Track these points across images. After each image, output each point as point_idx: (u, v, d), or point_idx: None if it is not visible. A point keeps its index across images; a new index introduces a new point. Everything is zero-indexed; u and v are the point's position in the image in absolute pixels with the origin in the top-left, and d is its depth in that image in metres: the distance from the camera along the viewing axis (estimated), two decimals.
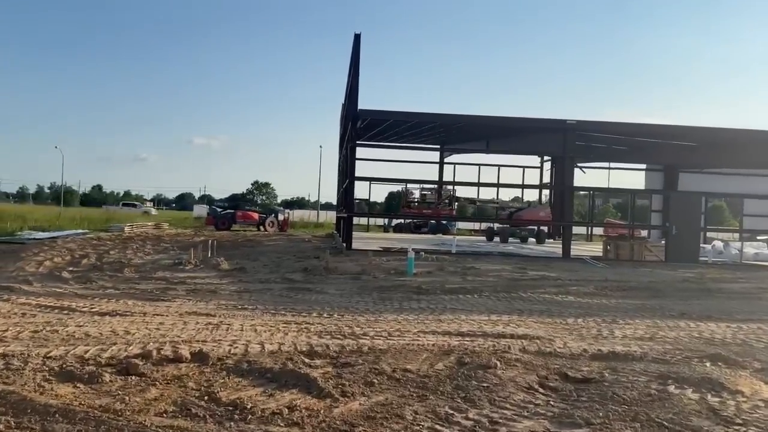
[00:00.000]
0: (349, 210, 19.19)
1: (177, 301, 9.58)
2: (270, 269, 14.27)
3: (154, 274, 12.83)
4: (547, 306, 10.37)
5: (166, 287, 10.92)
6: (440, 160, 36.13)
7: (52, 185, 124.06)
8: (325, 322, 8.15)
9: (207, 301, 9.60)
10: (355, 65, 17.87)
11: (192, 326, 7.49)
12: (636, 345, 7.42)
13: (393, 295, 10.92)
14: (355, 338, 7.09)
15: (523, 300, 10.91)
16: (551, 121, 19.26)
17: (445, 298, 10.69)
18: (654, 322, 9.26)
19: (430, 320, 8.57)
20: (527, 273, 14.73)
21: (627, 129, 20.30)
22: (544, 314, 9.55)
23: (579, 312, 9.90)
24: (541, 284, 13.00)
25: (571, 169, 19.58)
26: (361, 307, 9.58)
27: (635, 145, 25.37)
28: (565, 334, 7.98)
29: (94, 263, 14.36)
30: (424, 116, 19.47)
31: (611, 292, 12.44)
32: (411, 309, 9.53)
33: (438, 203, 34.57)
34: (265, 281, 12.17)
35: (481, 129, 23.31)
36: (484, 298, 10.86)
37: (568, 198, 19.96)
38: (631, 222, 36.74)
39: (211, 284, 11.62)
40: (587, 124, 19.33)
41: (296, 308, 9.24)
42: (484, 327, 8.17)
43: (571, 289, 12.47)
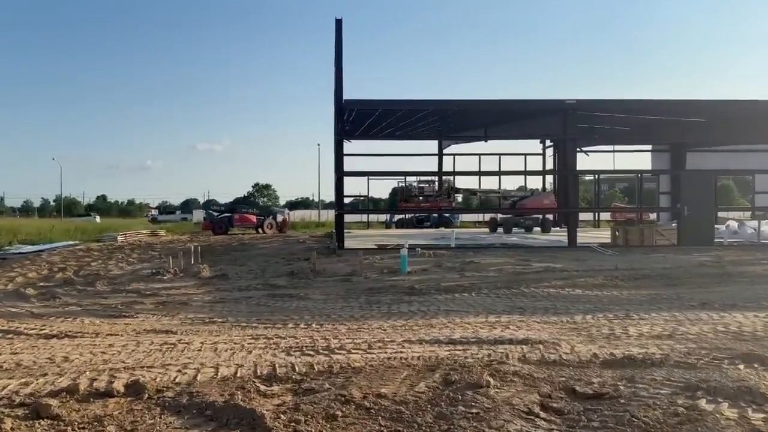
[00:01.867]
0: (339, 207, 18.22)
1: (140, 316, 8.64)
2: (255, 274, 13.34)
3: (128, 286, 11.91)
4: (552, 302, 9.38)
5: (134, 301, 9.99)
6: (439, 152, 35.07)
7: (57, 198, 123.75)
8: (300, 334, 7.19)
9: (173, 316, 8.66)
10: (338, 54, 16.90)
11: (144, 348, 6.55)
12: (654, 345, 6.43)
13: (383, 297, 9.96)
14: (329, 354, 6.14)
15: (526, 296, 9.91)
16: (550, 102, 18.22)
17: (440, 299, 9.71)
18: (672, 315, 8.27)
19: (420, 326, 7.60)
20: (531, 265, 13.75)
21: (629, 106, 19.19)
22: (549, 312, 8.56)
23: (588, 307, 8.91)
24: (546, 277, 12.01)
25: (573, 152, 18.54)
26: (345, 313, 8.62)
27: (639, 124, 24.29)
28: (573, 335, 7.00)
29: (69, 277, 13.44)
30: (414, 103, 18.44)
31: (622, 282, 11.43)
32: (400, 313, 8.56)
33: (436, 196, 33.49)
34: (245, 288, 11.22)
35: (477, 115, 22.27)
36: (482, 297, 9.87)
37: (572, 183, 18.91)
38: (639, 205, 35.79)
39: (185, 295, 10.68)
40: (587, 103, 18.28)
41: (272, 319, 8.29)
42: (480, 331, 7.19)
43: (578, 281, 11.47)
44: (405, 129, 25.91)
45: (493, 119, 24.48)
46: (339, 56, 16.85)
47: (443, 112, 20.39)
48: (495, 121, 24.97)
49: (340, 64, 16.90)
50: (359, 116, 22.23)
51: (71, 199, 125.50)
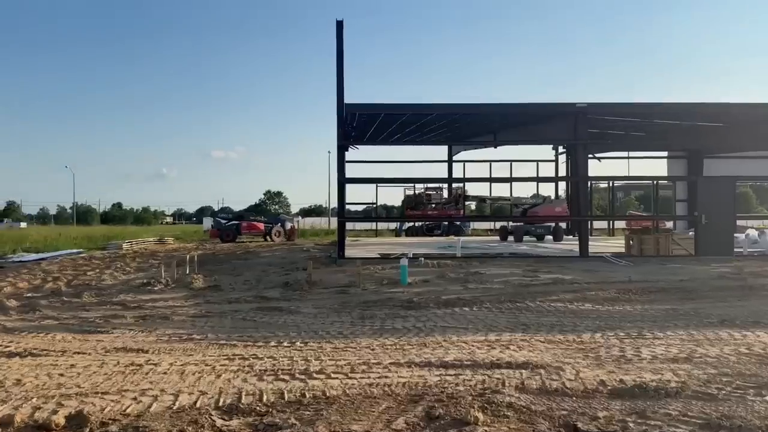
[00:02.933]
0: (340, 215, 17.62)
1: (115, 332, 8.09)
2: (249, 285, 12.78)
3: (115, 298, 11.39)
4: (558, 318, 8.71)
5: (115, 314, 9.45)
6: (449, 159, 34.42)
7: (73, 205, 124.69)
8: (280, 354, 6.59)
9: (151, 331, 8.10)
10: (339, 57, 16.36)
11: (107, 369, 5.99)
12: (669, 371, 5.76)
13: (377, 311, 9.33)
14: (306, 379, 5.54)
15: (531, 311, 9.24)
16: (560, 106, 17.51)
17: (438, 313, 9.06)
18: (689, 333, 7.58)
19: (412, 345, 6.97)
20: (538, 277, 13.06)
21: (643, 110, 18.42)
22: (555, 329, 7.89)
23: (597, 324, 8.23)
24: (554, 290, 11.32)
25: (584, 158, 17.80)
26: (334, 329, 8.01)
27: (654, 129, 23.48)
28: (579, 357, 6.34)
29: (58, 287, 12.96)
30: (417, 107, 17.81)
31: (636, 295, 10.72)
32: (393, 330, 7.94)
33: (444, 203, 32.77)
34: (234, 301, 10.65)
35: (485, 120, 21.60)
36: (484, 311, 9.21)
37: (583, 190, 18.16)
38: (654, 213, 34.87)
39: (171, 308, 10.13)
40: (599, 107, 17.55)
41: (255, 335, 7.70)
42: (477, 353, 6.54)
43: (588, 294, 10.77)
44: (413, 135, 25.29)
45: (502, 124, 23.81)
46: (340, 60, 16.30)
47: (449, 116, 19.74)
48: (504, 126, 24.30)
49: (342, 67, 16.35)
50: (364, 121, 21.64)
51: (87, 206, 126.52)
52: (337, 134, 16.57)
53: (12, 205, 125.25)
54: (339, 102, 16.37)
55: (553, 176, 33.60)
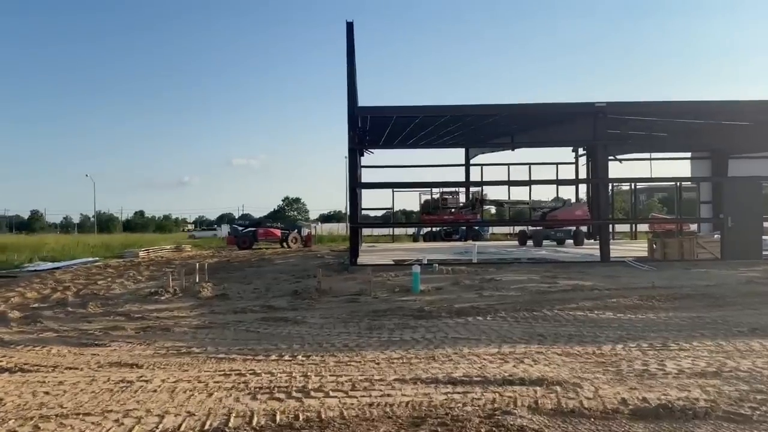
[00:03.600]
0: (352, 221, 17.23)
1: (113, 345, 7.80)
2: (257, 294, 12.47)
3: (120, 308, 11.14)
4: (577, 328, 8.23)
5: (117, 326, 9.16)
6: (466, 162, 33.97)
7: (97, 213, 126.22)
8: (279, 369, 6.23)
9: (149, 344, 7.79)
10: (349, 59, 16.04)
11: (96, 387, 5.67)
12: (697, 387, 5.30)
13: (386, 321, 8.93)
14: (302, 397, 5.17)
15: (548, 320, 8.77)
16: (578, 105, 16.98)
17: (450, 324, 8.64)
18: (718, 344, 7.08)
19: (420, 358, 6.57)
20: (557, 283, 12.56)
21: (666, 109, 17.79)
22: (573, 340, 7.43)
23: (619, 334, 7.75)
24: (573, 297, 10.83)
25: (603, 159, 17.23)
26: (340, 341, 7.64)
27: (677, 129, 22.80)
28: (598, 372, 5.89)
29: (65, 297, 12.77)
30: (430, 109, 17.40)
31: (660, 302, 10.19)
32: (402, 341, 7.54)
33: (461, 208, 32.24)
34: (240, 310, 10.32)
35: (501, 122, 21.11)
36: (498, 321, 8.77)
37: (604, 192, 17.59)
38: (678, 215, 34.01)
39: (174, 318, 9.84)
40: (619, 106, 16.99)
41: (256, 348, 7.36)
42: (488, 367, 6.12)
43: (609, 301, 10.27)
44: (428, 138, 24.91)
45: (519, 125, 23.31)
46: (351, 62, 15.99)
47: (463, 118, 19.30)
48: (521, 127, 23.80)
49: (353, 69, 16.03)
50: (377, 125, 21.32)
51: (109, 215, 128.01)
52: (348, 138, 16.24)
53: (36, 215, 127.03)
54: (350, 105, 16.04)
55: (573, 179, 32.95)
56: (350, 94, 15.96)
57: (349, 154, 16.30)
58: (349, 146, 16.22)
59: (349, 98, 15.96)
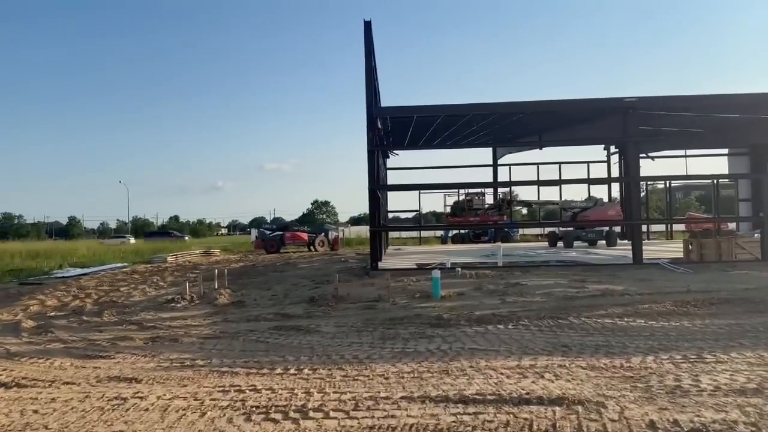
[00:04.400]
0: (373, 224, 16.83)
1: (117, 357, 7.55)
2: (274, 300, 12.17)
3: (135, 316, 10.96)
4: (605, 337, 7.69)
5: (126, 336, 8.94)
6: (493, 162, 33.32)
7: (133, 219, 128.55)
8: (282, 384, 5.87)
9: (155, 356, 7.52)
10: (368, 59, 15.66)
11: (88, 405, 5.39)
12: (735, 407, 4.78)
13: (402, 330, 8.52)
14: (299, 418, 4.80)
15: (574, 329, 8.24)
16: (606, 101, 16.29)
17: (468, 333, 8.18)
18: (759, 355, 6.50)
19: (433, 372, 6.14)
20: (586, 288, 11.98)
21: (700, 103, 16.93)
22: (600, 352, 6.91)
23: (649, 345, 7.19)
24: (602, 303, 10.25)
25: (634, 157, 16.51)
26: (350, 353, 7.25)
27: (713, 124, 21.83)
28: (626, 388, 5.39)
29: (83, 305, 12.67)
30: (452, 108, 16.89)
31: (695, 308, 9.56)
32: (415, 353, 7.11)
33: (488, 209, 31.55)
34: (254, 319, 10.02)
35: (528, 120, 20.48)
36: (520, 330, 8.27)
37: (635, 191, 16.84)
38: (716, 214, 32.79)
39: (186, 327, 9.59)
40: (650, 101, 16.24)
41: (262, 360, 7.02)
42: (505, 383, 5.66)
43: (640, 307, 9.67)
44: (453, 138, 24.38)
45: (547, 124, 22.60)
46: (369, 62, 15.61)
47: (487, 117, 18.74)
48: (549, 126, 23.08)
49: (371, 69, 15.65)
50: (398, 126, 20.90)
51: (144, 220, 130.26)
52: (367, 139, 15.84)
53: (73, 221, 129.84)
54: (369, 106, 15.67)
55: (604, 177, 32.03)
56: (369, 95, 15.56)
57: (368, 155, 15.88)
58: (368, 148, 15.80)
59: (368, 99, 15.57)
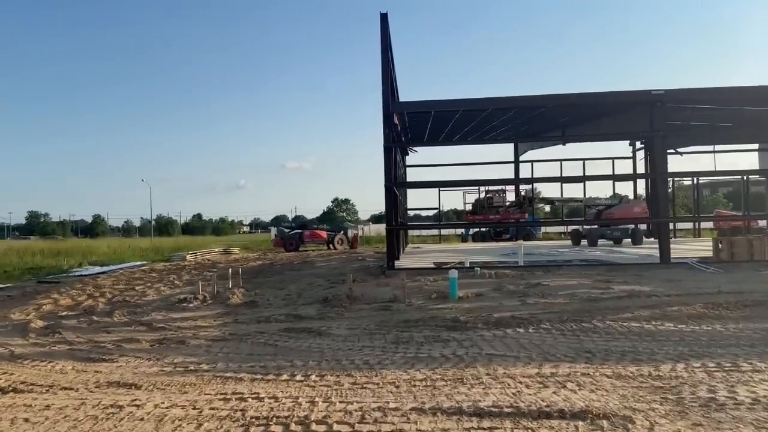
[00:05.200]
0: (389, 222, 16.44)
1: (121, 360, 7.30)
2: (288, 301, 11.88)
3: (146, 317, 10.74)
4: (632, 342, 7.24)
5: (133, 337, 8.70)
6: (515, 158, 32.70)
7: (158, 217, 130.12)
8: (287, 392, 5.55)
9: (159, 359, 7.26)
10: (384, 52, 15.27)
11: (81, 413, 5.13)
12: None
13: (416, 333, 8.15)
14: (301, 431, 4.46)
15: (599, 333, 7.79)
16: (633, 94, 15.68)
17: (486, 337, 7.78)
18: None
19: (447, 380, 5.77)
20: (611, 289, 11.47)
21: (732, 96, 16.18)
22: (626, 358, 6.47)
23: (679, 351, 6.73)
24: (628, 305, 9.76)
25: (662, 152, 15.89)
26: (361, 358, 6.90)
27: (743, 118, 21.04)
28: (655, 400, 4.97)
29: (95, 305, 12.51)
30: (471, 103, 16.39)
31: (728, 311, 9.04)
32: (429, 359, 6.74)
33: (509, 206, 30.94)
34: (264, 320, 9.73)
35: (551, 114, 19.90)
36: (541, 334, 7.85)
37: (663, 188, 16.21)
38: (745, 211, 31.84)
39: (195, 328, 9.33)
40: (678, 93, 15.61)
41: (269, 365, 6.71)
42: (524, 393, 5.27)
43: (669, 310, 9.18)
44: (473, 133, 23.88)
45: (570, 118, 22.00)
46: (386, 56, 15.22)
47: (508, 111, 18.23)
48: (573, 120, 22.46)
49: (387, 63, 15.26)
50: (416, 122, 20.49)
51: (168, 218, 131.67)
52: (384, 135, 15.46)
53: (98, 219, 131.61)
54: (385, 101, 15.29)
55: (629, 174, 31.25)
56: (385, 90, 15.17)
57: (385, 152, 15.48)
58: (384, 144, 15.40)
59: (384, 94, 15.18)
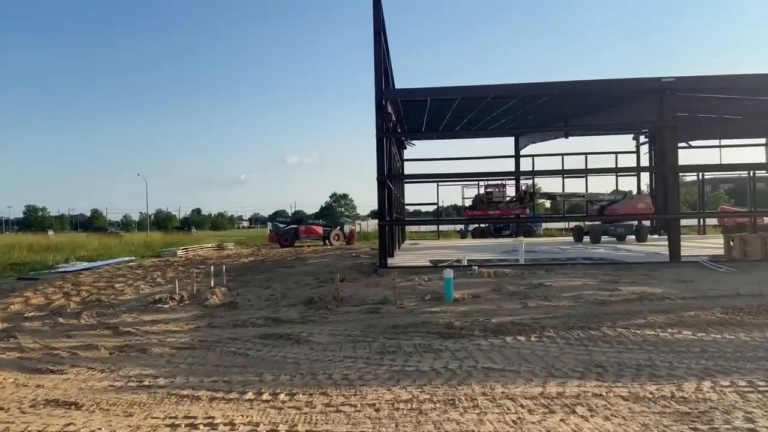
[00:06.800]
0: (381, 218, 15.56)
1: (71, 372, 6.46)
2: (270, 301, 11.05)
3: (115, 318, 9.91)
4: (647, 354, 6.39)
5: (92, 343, 7.85)
6: (515, 152, 31.86)
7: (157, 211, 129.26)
8: (248, 416, 4.72)
9: (113, 371, 6.42)
10: (377, 36, 14.37)
11: None
12: None
13: (405, 341, 7.30)
14: None
15: (609, 343, 6.95)
16: (643, 81, 14.77)
17: (483, 346, 6.93)
18: None
19: (436, 401, 4.93)
20: (619, 290, 10.63)
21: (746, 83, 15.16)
22: (643, 374, 5.63)
23: (703, 365, 5.89)
24: (639, 309, 8.92)
25: (672, 143, 15.00)
26: (341, 371, 6.06)
27: (753, 110, 20.17)
28: (683, 431, 4.12)
29: (66, 305, 11.69)
30: (469, 90, 15.46)
31: (750, 316, 8.21)
32: (417, 373, 5.90)
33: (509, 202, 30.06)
34: (241, 324, 8.88)
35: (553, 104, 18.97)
36: (545, 344, 7.00)
37: (672, 182, 15.34)
38: (752, 208, 31.04)
39: (163, 333, 8.49)
40: (690, 81, 14.68)
41: (235, 380, 5.87)
42: (526, 420, 4.43)
43: (685, 315, 8.33)
44: (473, 125, 23.02)
45: (574, 109, 21.08)
46: (378, 41, 14.29)
47: (509, 99, 17.32)
48: (576, 111, 21.55)
49: (380, 48, 14.34)
50: (412, 111, 19.62)
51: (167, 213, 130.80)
52: (376, 125, 14.56)
53: (96, 213, 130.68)
54: (378, 88, 14.39)
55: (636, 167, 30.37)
56: (378, 77, 14.26)
57: (377, 142, 14.55)
58: (377, 134, 14.47)
59: (377, 81, 14.27)
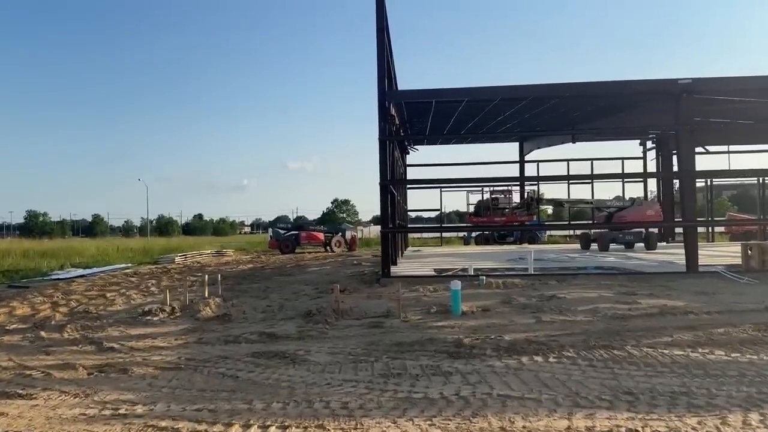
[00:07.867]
0: (384, 225, 14.94)
1: (41, 396, 5.82)
2: (266, 314, 10.41)
3: (100, 332, 9.28)
4: (680, 379, 5.74)
5: (70, 362, 7.21)
6: (520, 158, 31.23)
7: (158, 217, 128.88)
8: None
9: (87, 395, 5.79)
10: (379, 35, 13.80)
11: None
12: None
13: (411, 362, 6.66)
14: None
15: (635, 364, 6.29)
16: (658, 83, 14.14)
17: (497, 368, 6.28)
18: None
19: None
20: (638, 303, 9.98)
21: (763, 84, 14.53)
22: (679, 403, 4.98)
23: (745, 392, 5.25)
24: (663, 325, 8.27)
25: (689, 148, 14.37)
26: (339, 397, 5.42)
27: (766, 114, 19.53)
28: None
29: (51, 316, 11.06)
30: (475, 92, 14.86)
31: None
32: (426, 401, 5.26)
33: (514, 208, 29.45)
34: (233, 340, 8.24)
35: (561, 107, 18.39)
36: (565, 365, 6.35)
37: (689, 187, 14.67)
38: (761, 215, 30.44)
39: (149, 350, 7.85)
40: (708, 83, 14.05)
41: (222, 408, 5.24)
42: None
43: (714, 333, 7.68)
44: (478, 129, 22.42)
45: (582, 113, 20.46)
46: (381, 40, 13.72)
47: (517, 102, 16.72)
48: (584, 115, 20.93)
49: (383, 48, 13.76)
50: (416, 114, 19.03)
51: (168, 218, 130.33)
52: (379, 128, 13.96)
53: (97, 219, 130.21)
54: (380, 89, 13.80)
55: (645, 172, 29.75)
56: (381, 78, 13.69)
57: (380, 146, 13.93)
58: (380, 137, 13.83)
59: (380, 82, 13.70)
